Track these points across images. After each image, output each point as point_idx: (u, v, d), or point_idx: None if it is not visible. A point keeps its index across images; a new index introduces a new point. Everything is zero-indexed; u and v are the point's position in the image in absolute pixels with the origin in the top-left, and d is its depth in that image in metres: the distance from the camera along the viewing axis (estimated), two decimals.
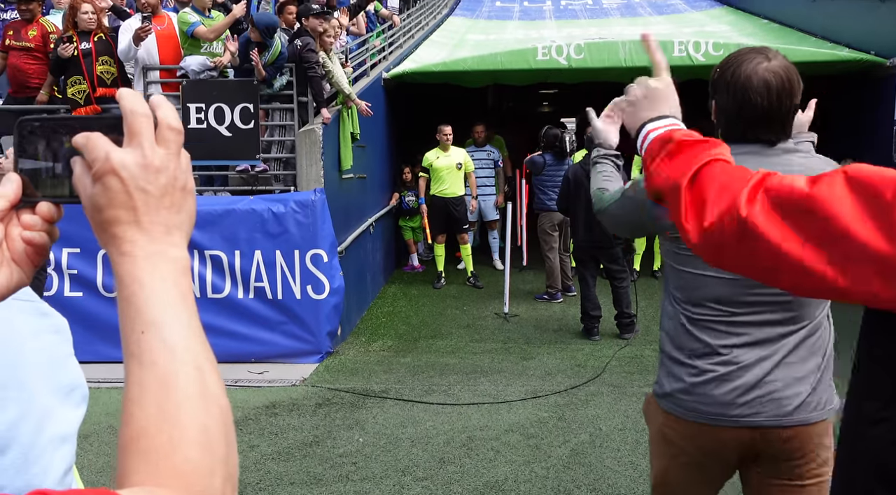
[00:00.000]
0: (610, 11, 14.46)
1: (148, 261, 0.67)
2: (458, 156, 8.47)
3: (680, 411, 1.94)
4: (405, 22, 11.01)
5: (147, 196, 0.67)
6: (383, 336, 6.91)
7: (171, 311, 0.67)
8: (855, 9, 8.84)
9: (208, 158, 6.25)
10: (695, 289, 1.90)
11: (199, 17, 6.03)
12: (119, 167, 0.66)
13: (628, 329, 6.61)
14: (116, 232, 0.67)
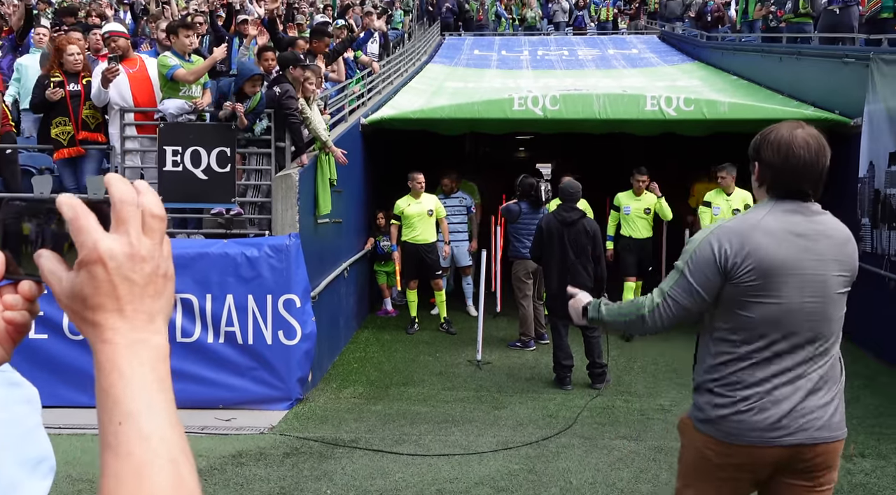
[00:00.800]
0: (585, 63, 14.82)
1: (129, 349, 0.67)
2: (429, 203, 8.52)
3: (722, 435, 2.26)
4: (384, 68, 11.17)
5: (132, 285, 0.68)
6: (355, 382, 6.84)
7: (149, 402, 0.67)
8: (820, 69, 9.17)
9: (183, 201, 6.22)
10: (752, 329, 2.23)
11: (179, 60, 6.07)
12: (107, 257, 0.67)
13: (600, 378, 6.61)
14: (99, 319, 0.67)
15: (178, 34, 6.04)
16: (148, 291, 0.69)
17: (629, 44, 17.48)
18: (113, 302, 0.67)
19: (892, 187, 7.08)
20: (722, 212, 7.65)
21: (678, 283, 2.30)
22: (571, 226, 6.57)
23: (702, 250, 2.26)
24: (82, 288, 0.67)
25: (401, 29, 17.69)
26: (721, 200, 7.76)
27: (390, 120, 8.94)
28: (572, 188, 6.80)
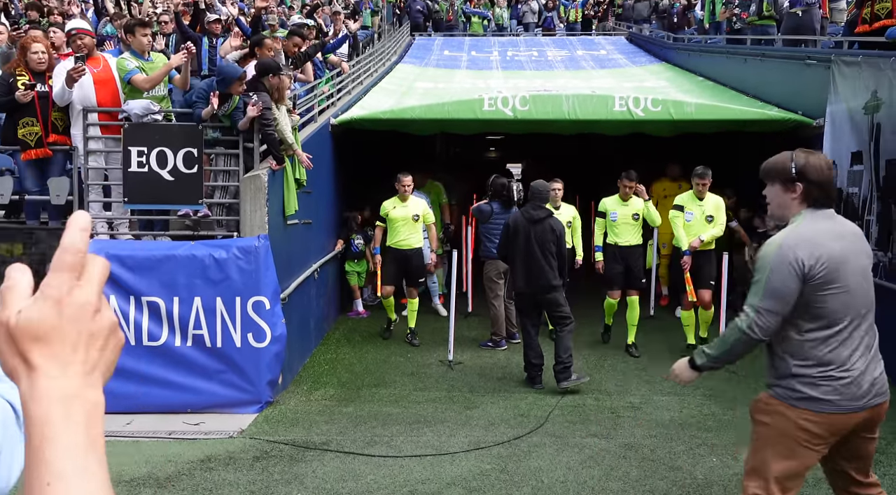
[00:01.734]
0: (555, 64, 14.90)
1: (63, 404, 0.65)
2: (415, 207, 8.20)
3: (827, 407, 2.71)
4: (354, 68, 11.12)
5: (89, 335, 0.67)
6: (325, 384, 6.80)
7: (81, 465, 0.64)
8: (783, 71, 9.33)
9: (149, 202, 6.13)
10: (830, 316, 2.70)
11: (138, 61, 5.96)
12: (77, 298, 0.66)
13: (563, 375, 6.58)
14: (37, 360, 0.65)
15: (135, 33, 5.93)
16: (96, 342, 0.67)
17: (598, 45, 17.62)
18: (61, 345, 0.65)
19: (854, 186, 7.23)
20: (695, 218, 7.41)
21: (767, 295, 2.71)
22: (537, 223, 6.62)
23: (779, 265, 2.70)
24: (40, 321, 0.65)
25: (370, 29, 17.63)
26: (694, 206, 7.45)
27: (360, 120, 8.90)
28: (542, 188, 6.85)
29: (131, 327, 5.76)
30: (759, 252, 2.83)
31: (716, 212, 7.45)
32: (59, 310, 0.65)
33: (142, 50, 6.05)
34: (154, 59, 6.11)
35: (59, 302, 0.65)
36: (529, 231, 6.62)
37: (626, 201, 7.86)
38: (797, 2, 9.61)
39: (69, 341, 0.66)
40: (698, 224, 7.41)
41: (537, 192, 6.79)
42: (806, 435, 2.74)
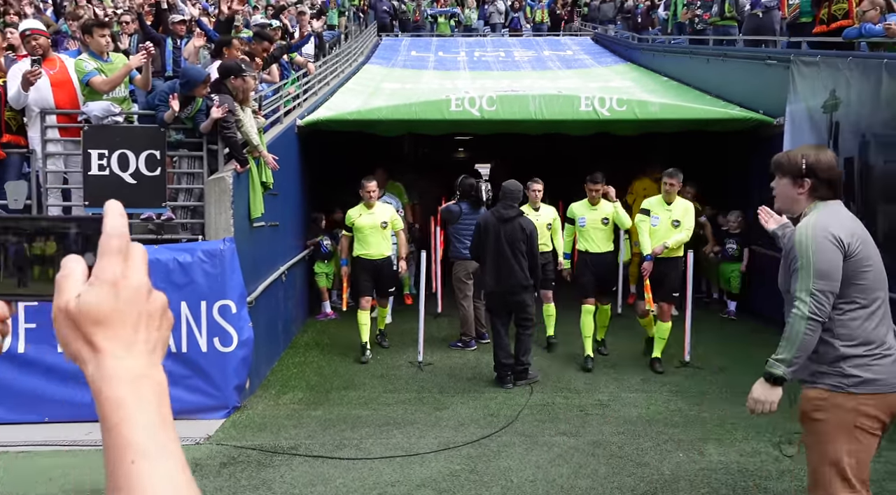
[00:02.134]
0: (521, 65, 14.98)
1: (133, 385, 0.67)
2: (383, 214, 7.74)
3: (884, 387, 2.70)
4: (320, 69, 11.05)
5: (149, 315, 0.69)
6: (294, 388, 6.73)
7: (161, 443, 0.67)
8: (745, 71, 9.49)
9: None
10: (868, 292, 2.76)
11: (97, 62, 5.84)
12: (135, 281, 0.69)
13: (521, 376, 6.70)
14: (103, 344, 0.67)
15: (92, 34, 5.81)
16: (153, 322, 0.70)
17: (564, 45, 17.76)
18: (123, 326, 0.68)
19: None
20: (661, 223, 6.95)
21: (817, 276, 2.72)
22: (507, 222, 6.65)
23: (821, 244, 2.72)
24: (98, 305, 0.67)
25: (337, 30, 17.54)
26: (662, 210, 6.99)
27: (327, 121, 8.85)
28: (514, 187, 6.87)
29: None
30: (793, 238, 2.81)
31: (683, 217, 7.01)
32: (117, 293, 0.68)
33: (100, 51, 5.93)
34: (114, 59, 5.98)
35: (116, 285, 0.68)
36: (500, 230, 6.64)
37: (594, 205, 7.40)
38: (757, 3, 9.79)
39: (130, 322, 0.68)
40: (664, 229, 6.98)
41: (509, 192, 6.82)
42: (869, 420, 2.71)
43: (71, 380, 5.48)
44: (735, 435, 5.37)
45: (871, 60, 6.42)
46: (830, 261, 2.71)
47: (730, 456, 4.97)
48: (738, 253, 9.11)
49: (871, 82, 6.21)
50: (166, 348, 0.72)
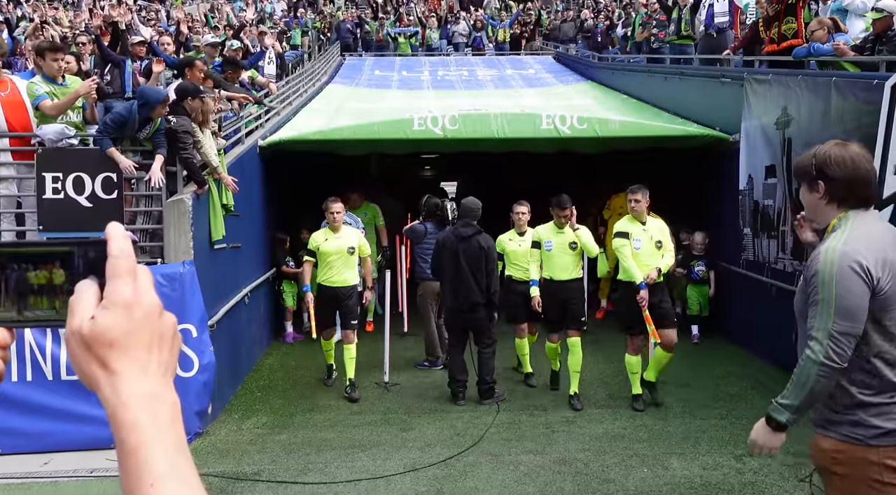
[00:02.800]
0: (485, 84, 15.11)
1: (148, 407, 0.68)
2: (350, 239, 7.21)
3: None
4: (283, 89, 11.02)
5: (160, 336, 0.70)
6: (258, 412, 6.63)
7: (177, 466, 0.67)
8: (701, 89, 9.71)
9: (66, 230, 5.87)
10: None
11: (50, 86, 5.73)
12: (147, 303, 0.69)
13: (487, 395, 6.70)
14: (118, 366, 0.68)
15: (45, 57, 5.71)
16: (165, 343, 0.70)
17: (526, 64, 17.97)
18: (137, 348, 0.68)
19: (768, 199, 7.54)
20: (644, 245, 6.33)
21: (839, 315, 2.28)
22: (466, 240, 6.67)
23: (845, 277, 2.28)
24: (112, 328, 0.67)
25: (300, 49, 17.53)
26: (639, 230, 6.37)
27: (289, 141, 8.81)
28: (472, 205, 6.90)
29: (48, 361, 5.51)
30: (815, 264, 2.35)
31: (663, 236, 6.48)
32: (131, 315, 0.68)
33: (53, 75, 5.82)
34: (69, 83, 5.87)
35: (129, 306, 0.68)
36: (457, 248, 6.66)
37: (561, 229, 6.81)
38: (711, 24, 10.03)
39: (143, 344, 0.69)
40: (648, 251, 6.35)
41: (467, 210, 6.85)
42: (893, 473, 2.32)
43: (23, 410, 5.33)
44: (699, 448, 5.42)
45: (820, 78, 6.61)
46: (855, 299, 2.28)
47: (693, 469, 5.02)
48: (705, 275, 8.78)
49: (820, 99, 6.39)
50: (176, 369, 0.72)
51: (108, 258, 0.70)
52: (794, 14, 7.95)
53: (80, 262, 0.72)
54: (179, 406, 0.71)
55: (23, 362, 5.46)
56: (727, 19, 9.99)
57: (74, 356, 0.69)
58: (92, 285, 0.70)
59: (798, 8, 7.92)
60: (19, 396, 5.39)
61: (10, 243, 0.75)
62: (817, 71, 7.10)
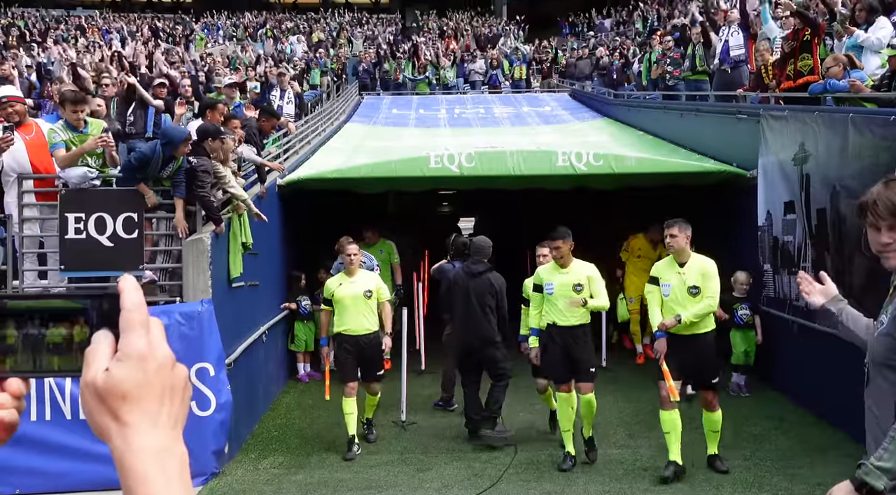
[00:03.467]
0: (501, 121, 15.25)
1: (157, 458, 0.69)
2: (367, 283, 6.67)
3: None
4: (301, 128, 11.18)
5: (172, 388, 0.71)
6: (275, 451, 6.59)
7: None
8: (717, 125, 9.72)
9: (87, 269, 5.96)
10: None
11: (70, 133, 5.78)
12: (160, 356, 0.71)
13: (486, 424, 6.57)
14: (129, 418, 0.69)
15: (65, 107, 5.80)
16: (176, 395, 0.72)
17: (542, 101, 18.13)
18: (149, 400, 0.70)
19: (788, 235, 7.48)
20: (674, 291, 5.58)
21: None
22: (477, 277, 6.65)
23: None
24: (125, 380, 0.69)
25: (319, 89, 17.83)
26: (672, 274, 5.62)
27: (308, 180, 8.91)
28: (483, 243, 6.90)
29: (67, 401, 5.53)
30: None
31: (702, 280, 5.55)
32: (145, 367, 0.70)
33: (74, 124, 5.89)
34: (91, 128, 5.94)
35: (143, 359, 0.70)
36: (468, 285, 6.62)
37: (564, 268, 6.12)
38: (726, 60, 10.09)
39: (155, 396, 0.70)
40: (679, 298, 5.57)
41: (479, 248, 6.85)
42: None
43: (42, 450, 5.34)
44: (722, 491, 5.30)
45: (837, 115, 6.60)
46: None
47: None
48: (750, 319, 7.91)
49: (838, 135, 6.37)
50: (186, 420, 0.74)
51: (122, 311, 0.72)
52: (809, 51, 7.98)
53: (94, 315, 0.74)
54: (187, 458, 0.72)
55: (42, 402, 5.49)
56: (743, 52, 10.04)
57: (87, 407, 0.71)
58: (107, 337, 0.72)
59: (814, 45, 7.95)
60: (38, 436, 5.40)
61: (28, 296, 0.76)
62: (834, 107, 7.09)
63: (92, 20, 30.60)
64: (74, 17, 32.40)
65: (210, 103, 7.81)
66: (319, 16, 32.78)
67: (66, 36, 25.73)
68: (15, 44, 22.37)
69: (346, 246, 6.71)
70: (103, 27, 28.65)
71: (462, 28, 28.75)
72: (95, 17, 31.42)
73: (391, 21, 33.01)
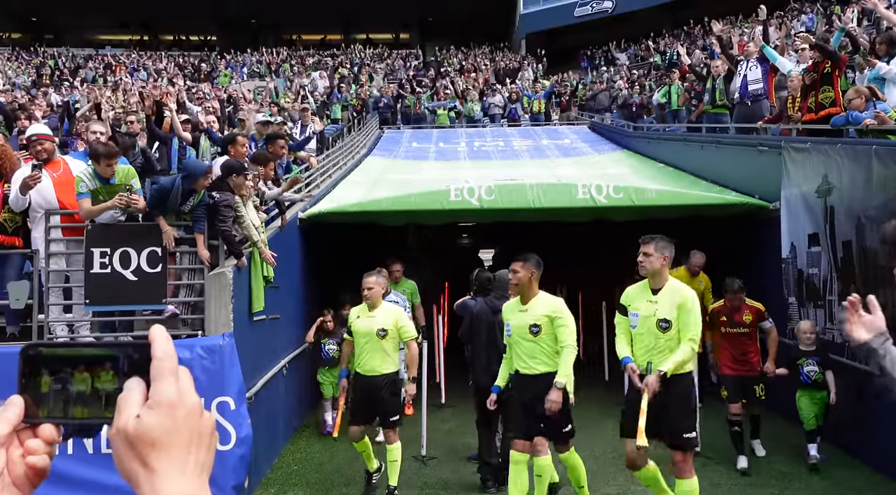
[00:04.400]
0: (521, 154, 15.32)
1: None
2: (384, 319, 6.19)
3: None
4: (322, 163, 11.31)
5: (199, 435, 0.73)
6: (294, 486, 6.54)
7: None
8: (738, 157, 9.69)
9: (112, 303, 6.02)
10: None
11: (98, 183, 5.81)
12: (191, 404, 0.72)
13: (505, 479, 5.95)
14: (158, 466, 0.70)
15: (99, 162, 5.84)
16: (203, 443, 0.73)
17: (561, 134, 18.21)
18: (178, 448, 0.71)
19: (813, 267, 7.39)
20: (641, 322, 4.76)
21: None
22: (499, 313, 6.29)
23: None
24: (155, 427, 0.70)
25: (340, 123, 18.07)
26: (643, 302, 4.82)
27: (329, 213, 8.99)
28: (507, 278, 6.75)
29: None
30: None
31: (676, 311, 4.63)
32: (174, 414, 0.71)
33: (105, 176, 5.93)
34: (118, 177, 5.99)
35: (173, 406, 0.72)
36: (493, 321, 6.42)
37: (523, 304, 5.25)
38: (746, 93, 10.09)
39: (183, 443, 0.71)
40: (647, 333, 4.72)
41: (502, 283, 6.58)
42: None
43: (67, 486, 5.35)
44: None
45: (860, 147, 6.55)
46: None
47: None
48: (819, 376, 6.55)
49: (861, 168, 6.32)
50: (212, 468, 0.75)
51: (153, 360, 0.73)
52: (830, 83, 7.96)
53: (126, 363, 0.76)
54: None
55: None
56: (761, 86, 10.04)
57: (117, 452, 0.72)
58: (139, 385, 0.74)
59: (835, 77, 7.94)
60: (62, 470, 5.41)
61: (62, 344, 0.78)
62: (857, 139, 7.04)
63: (119, 58, 31.40)
64: (102, 54, 33.31)
65: (230, 138, 7.93)
66: (341, 51, 33.37)
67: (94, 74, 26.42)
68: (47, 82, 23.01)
69: (365, 278, 6.38)
70: (130, 64, 29.39)
71: (482, 62, 29.10)
72: (121, 56, 32.24)
73: (412, 56, 33.51)
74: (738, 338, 6.90)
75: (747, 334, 6.91)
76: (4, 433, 0.73)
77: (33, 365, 0.76)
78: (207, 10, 35.58)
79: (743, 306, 6.91)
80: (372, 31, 38.94)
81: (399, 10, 35.93)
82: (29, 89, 22.35)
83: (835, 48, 8.49)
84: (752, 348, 6.92)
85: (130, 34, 38.87)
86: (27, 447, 0.75)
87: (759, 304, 6.98)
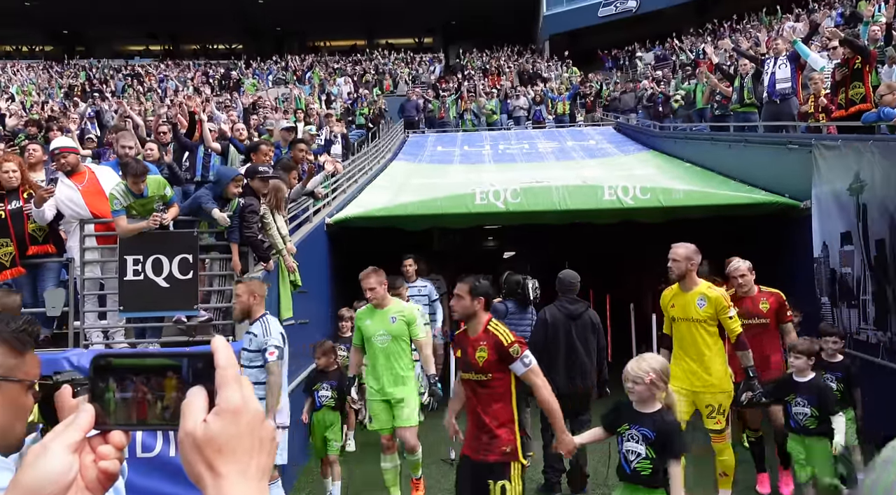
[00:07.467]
0: (545, 156, 15.26)
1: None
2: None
3: None
4: (348, 168, 11.39)
5: (261, 440, 0.76)
6: (323, 491, 6.57)
7: None
8: (767, 155, 9.56)
9: (145, 310, 6.12)
10: None
11: (131, 198, 5.88)
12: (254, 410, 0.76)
13: (580, 487, 6.14)
14: (223, 470, 0.73)
15: (127, 177, 5.95)
16: (265, 448, 0.76)
17: (587, 135, 18.11)
18: (241, 453, 0.74)
19: (846, 267, 7.26)
20: None
21: None
22: (578, 318, 6.06)
23: None
24: (221, 433, 0.74)
25: (364, 129, 18.17)
26: None
27: (355, 218, 9.05)
28: (573, 278, 6.18)
29: (138, 441, 5.64)
30: None
31: None
32: (238, 420, 0.74)
33: (139, 191, 5.93)
34: (150, 189, 6.06)
35: (238, 412, 0.75)
36: (571, 328, 6.00)
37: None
38: (774, 92, 9.96)
39: (246, 449, 0.74)
40: None
41: (567, 284, 6.16)
42: None
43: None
44: None
45: (892, 143, 6.44)
46: None
47: None
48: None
49: (894, 164, 6.20)
50: (270, 472, 0.79)
51: (217, 368, 0.77)
52: (860, 79, 7.84)
53: (189, 372, 0.79)
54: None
55: None
56: (789, 85, 9.91)
57: (185, 456, 0.75)
58: (202, 391, 0.77)
59: (865, 73, 7.81)
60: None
61: (128, 353, 0.82)
62: (889, 135, 6.92)
63: (147, 69, 31.94)
64: (132, 65, 33.93)
65: (253, 146, 8.03)
66: (365, 57, 33.56)
67: (124, 85, 26.90)
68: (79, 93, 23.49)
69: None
70: (159, 75, 29.86)
71: (505, 65, 29.08)
72: (149, 67, 32.80)
73: (435, 60, 33.59)
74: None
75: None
76: (78, 439, 0.76)
77: (103, 374, 0.80)
78: (233, 19, 36.06)
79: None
80: (395, 37, 39.13)
81: (422, 15, 36.06)
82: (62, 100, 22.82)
83: (864, 43, 8.35)
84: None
85: (159, 44, 39.56)
86: (99, 453, 0.78)
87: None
